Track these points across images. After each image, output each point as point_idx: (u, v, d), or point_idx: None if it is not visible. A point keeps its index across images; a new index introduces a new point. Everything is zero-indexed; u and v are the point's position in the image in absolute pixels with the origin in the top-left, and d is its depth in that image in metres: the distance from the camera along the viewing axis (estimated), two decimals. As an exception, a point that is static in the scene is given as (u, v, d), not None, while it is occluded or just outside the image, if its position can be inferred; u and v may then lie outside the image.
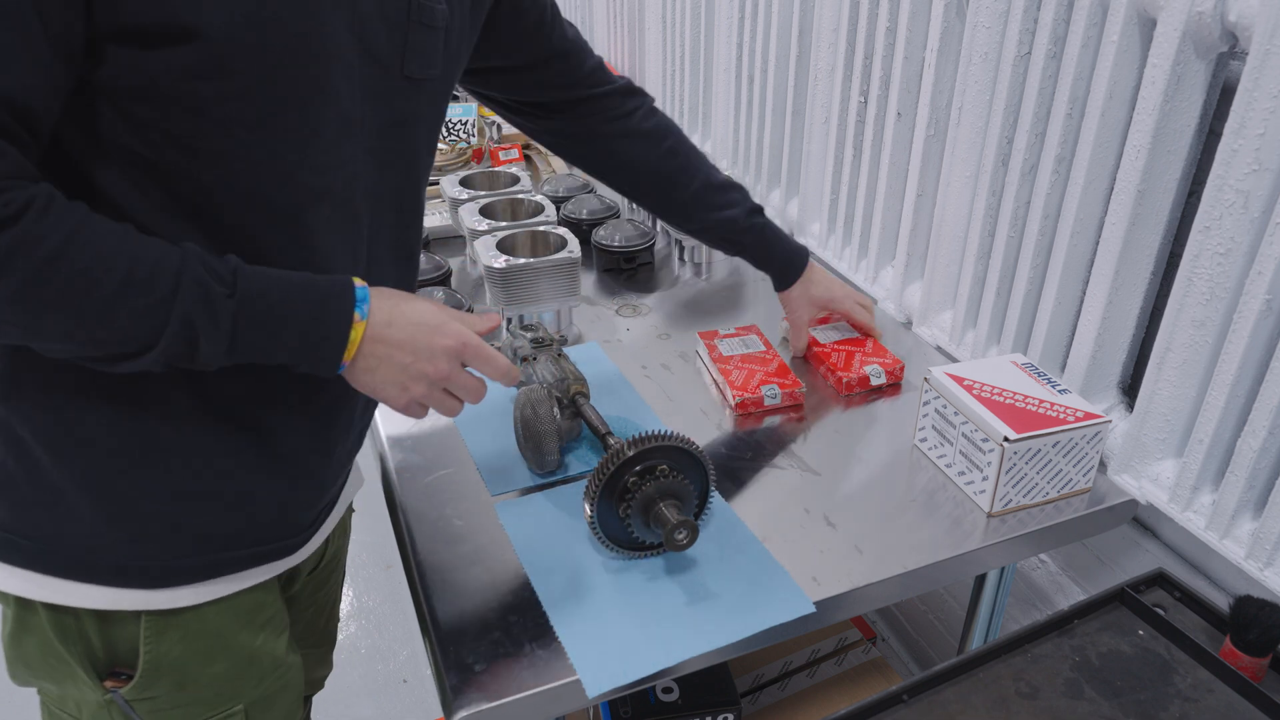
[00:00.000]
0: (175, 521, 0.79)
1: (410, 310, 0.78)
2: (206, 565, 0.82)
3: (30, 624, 0.81)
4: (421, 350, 0.77)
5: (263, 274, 0.71)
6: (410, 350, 0.77)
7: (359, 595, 2.20)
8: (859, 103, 1.50)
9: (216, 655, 0.85)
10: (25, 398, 0.74)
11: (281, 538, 0.87)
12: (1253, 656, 0.83)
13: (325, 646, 1.15)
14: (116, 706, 0.83)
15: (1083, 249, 1.15)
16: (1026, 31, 1.14)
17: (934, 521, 1.04)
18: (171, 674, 0.83)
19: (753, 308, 1.50)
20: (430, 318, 0.78)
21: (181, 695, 0.84)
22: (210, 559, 0.82)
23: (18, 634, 0.82)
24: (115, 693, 0.82)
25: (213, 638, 0.84)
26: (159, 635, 0.81)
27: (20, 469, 0.76)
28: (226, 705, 0.87)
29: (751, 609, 0.91)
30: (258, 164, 0.71)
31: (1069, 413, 1.04)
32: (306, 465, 0.85)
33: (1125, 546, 1.21)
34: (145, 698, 0.83)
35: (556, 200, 1.71)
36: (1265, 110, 0.88)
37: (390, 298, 0.77)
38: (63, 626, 0.80)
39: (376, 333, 0.75)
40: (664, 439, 0.93)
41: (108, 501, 0.76)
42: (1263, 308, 0.92)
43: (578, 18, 2.86)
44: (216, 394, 0.77)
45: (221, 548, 0.82)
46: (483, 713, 0.82)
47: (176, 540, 0.79)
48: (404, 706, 1.93)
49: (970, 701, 0.82)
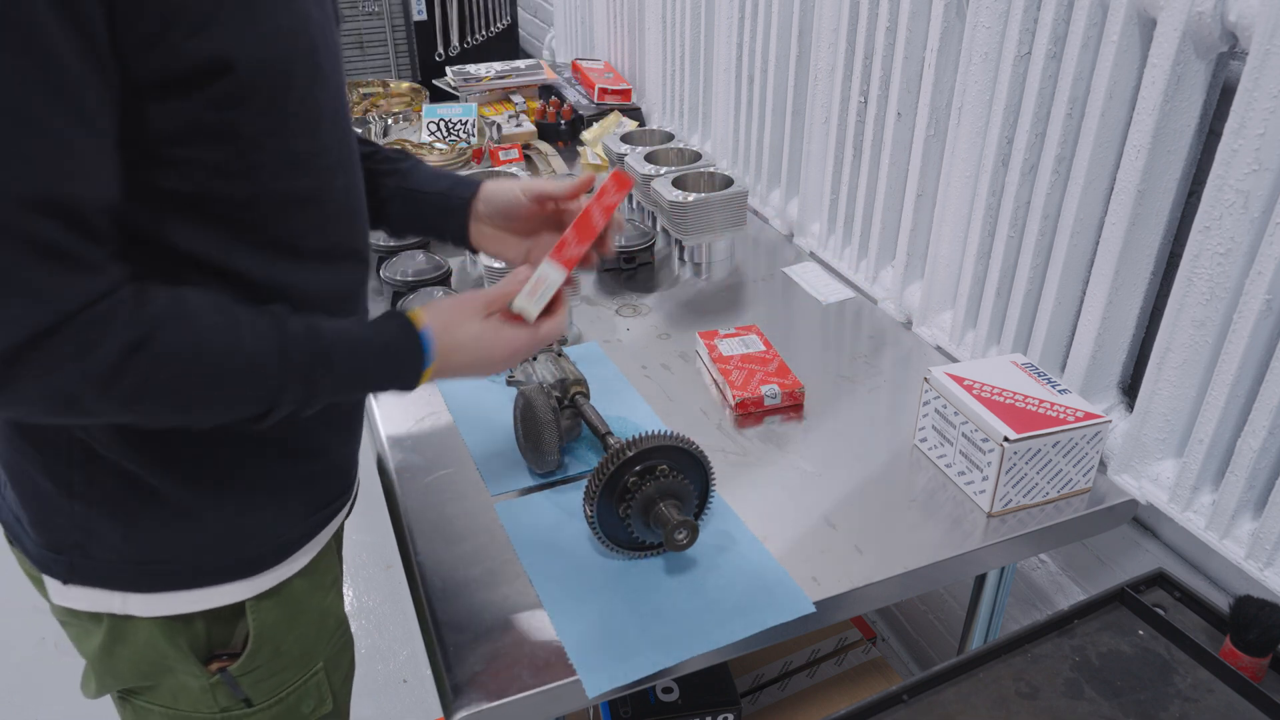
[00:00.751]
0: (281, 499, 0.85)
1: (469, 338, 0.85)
2: (300, 537, 0.88)
3: (128, 631, 0.83)
4: (483, 365, 0.86)
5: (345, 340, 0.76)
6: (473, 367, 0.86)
7: (359, 595, 2.20)
8: (859, 103, 1.50)
9: (299, 619, 0.90)
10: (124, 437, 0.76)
11: (344, 489, 0.94)
12: (1253, 656, 0.83)
13: None
14: (222, 686, 0.87)
15: (1083, 249, 1.15)
16: (1026, 31, 1.14)
17: (934, 521, 1.04)
18: (270, 642, 0.87)
19: (753, 308, 1.50)
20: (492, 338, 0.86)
21: (277, 661, 0.89)
22: (302, 530, 0.88)
23: (110, 646, 0.84)
24: (223, 672, 0.86)
25: (297, 602, 0.89)
26: (259, 607, 0.86)
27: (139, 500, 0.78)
28: (311, 665, 0.93)
29: (751, 609, 0.91)
30: (285, 165, 0.72)
31: (1069, 413, 1.04)
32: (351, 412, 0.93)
33: (1125, 546, 1.21)
34: (250, 670, 0.87)
35: (556, 200, 1.70)
36: (1265, 110, 0.88)
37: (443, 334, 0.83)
38: (168, 623, 0.83)
39: (441, 368, 0.83)
40: (664, 439, 0.93)
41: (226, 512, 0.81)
42: (1263, 308, 0.92)
43: (578, 18, 2.86)
44: None
45: (308, 514, 0.88)
46: (483, 713, 0.82)
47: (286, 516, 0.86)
48: (404, 706, 1.93)
49: (970, 701, 0.82)
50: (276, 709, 0.90)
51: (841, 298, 1.52)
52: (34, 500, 0.79)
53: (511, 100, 2.30)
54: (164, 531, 0.79)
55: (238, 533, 0.82)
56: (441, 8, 3.87)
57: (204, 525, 0.80)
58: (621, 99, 2.32)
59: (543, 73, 2.40)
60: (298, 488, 0.86)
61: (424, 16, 3.88)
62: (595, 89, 2.31)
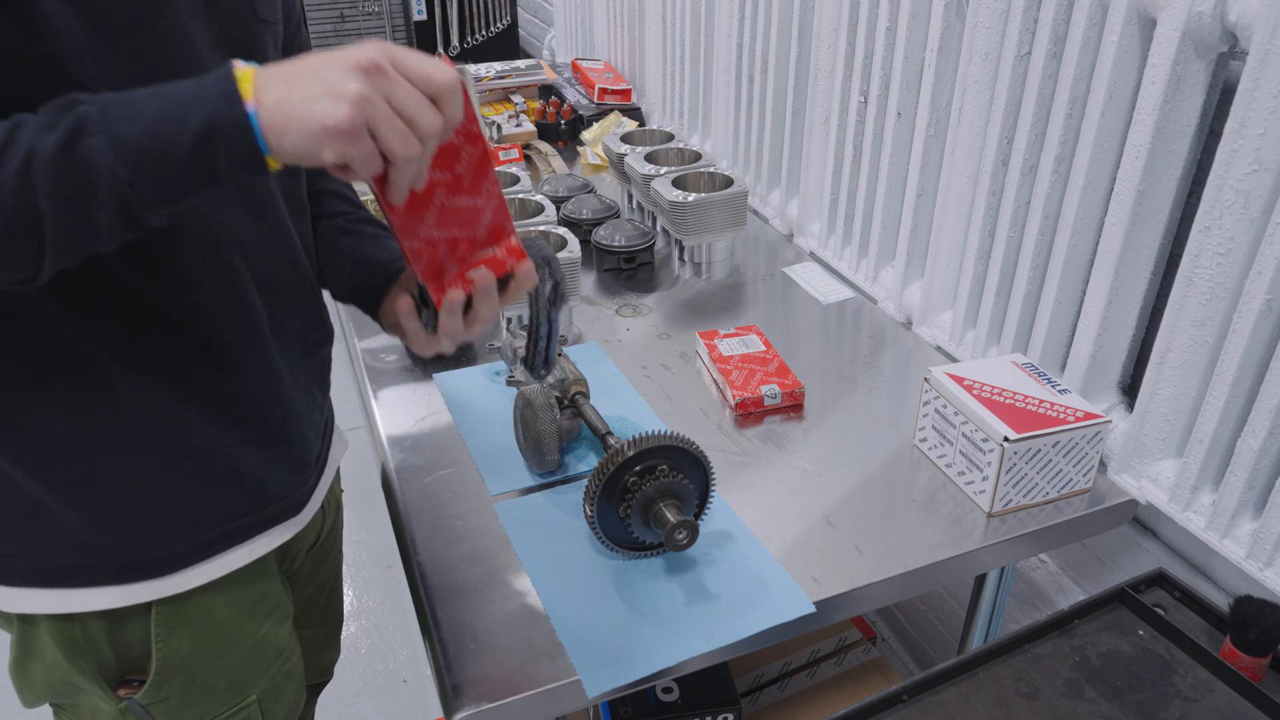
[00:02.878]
0: (159, 509, 0.79)
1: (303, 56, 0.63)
2: (204, 545, 0.82)
3: (34, 647, 0.81)
4: (333, 56, 0.61)
5: None
6: (318, 59, 0.61)
7: (359, 595, 2.20)
8: (859, 103, 1.50)
9: (224, 647, 0.85)
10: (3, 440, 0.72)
11: (271, 502, 0.86)
12: (1253, 656, 0.83)
13: (330, 625, 1.14)
14: (133, 713, 0.83)
15: (1083, 249, 1.15)
16: (1026, 31, 1.14)
17: (934, 521, 1.04)
18: (183, 671, 0.83)
19: (753, 308, 1.50)
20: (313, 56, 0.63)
21: (195, 692, 0.85)
22: (206, 538, 0.82)
23: (22, 660, 0.82)
24: (130, 699, 0.82)
25: (219, 630, 0.84)
26: (169, 632, 0.81)
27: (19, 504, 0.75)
28: (240, 698, 0.88)
29: (751, 609, 0.91)
30: None
31: (1069, 413, 1.04)
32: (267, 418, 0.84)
33: (1125, 546, 1.21)
34: (160, 699, 0.83)
35: (556, 200, 1.70)
36: (1265, 110, 0.88)
37: None
38: (70, 641, 0.80)
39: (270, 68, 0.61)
40: (664, 439, 0.93)
41: (88, 504, 0.76)
42: (1263, 308, 0.92)
43: (578, 18, 2.86)
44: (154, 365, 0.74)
45: (214, 524, 0.82)
46: (483, 713, 0.82)
47: (168, 527, 0.79)
48: (404, 706, 1.93)
49: (970, 701, 0.82)
50: None
51: (841, 298, 1.52)
52: None
53: (511, 100, 2.30)
54: (22, 523, 0.76)
55: (106, 533, 0.77)
56: (441, 8, 3.88)
57: (62, 522, 0.76)
58: (621, 99, 2.32)
59: (543, 73, 2.40)
60: (178, 495, 0.79)
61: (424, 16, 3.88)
62: (595, 89, 2.31)
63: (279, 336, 0.83)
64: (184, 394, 0.77)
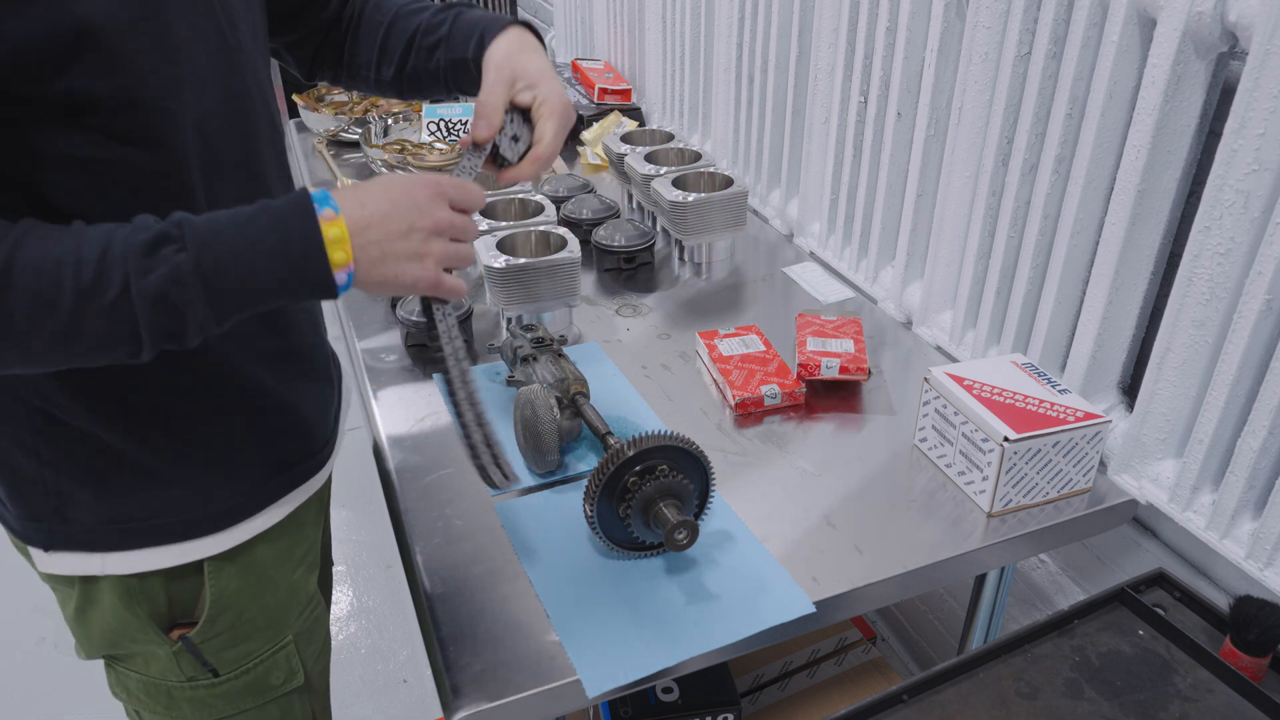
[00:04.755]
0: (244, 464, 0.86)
1: (374, 185, 0.74)
2: (262, 498, 0.88)
3: (94, 597, 0.85)
4: (410, 209, 0.74)
5: (211, 217, 0.68)
6: (400, 216, 0.73)
7: (359, 595, 2.20)
8: (859, 103, 1.50)
9: (265, 588, 0.91)
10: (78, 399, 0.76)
11: (310, 452, 0.93)
12: (1253, 656, 0.83)
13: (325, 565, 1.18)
14: (185, 653, 0.88)
15: (1083, 249, 1.15)
16: (1026, 31, 1.14)
17: (934, 521, 1.04)
18: (231, 609, 0.88)
19: (753, 308, 1.50)
20: (396, 179, 0.76)
21: (241, 629, 0.90)
22: (264, 491, 0.88)
23: (83, 609, 0.86)
24: (184, 639, 0.87)
25: (261, 571, 0.90)
26: (219, 573, 0.87)
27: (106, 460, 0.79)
28: (279, 635, 0.93)
29: (751, 609, 0.91)
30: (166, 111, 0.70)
31: (1069, 413, 1.04)
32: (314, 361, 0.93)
33: (1125, 546, 1.21)
34: (212, 636, 0.88)
35: (556, 200, 1.70)
36: (1265, 110, 0.88)
37: (348, 188, 0.74)
38: (128, 590, 0.84)
39: (357, 218, 0.71)
40: (664, 439, 0.93)
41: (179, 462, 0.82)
42: (1263, 308, 0.92)
43: (578, 18, 2.86)
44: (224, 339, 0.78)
45: (269, 475, 0.89)
46: (483, 713, 0.82)
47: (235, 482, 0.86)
48: (404, 706, 1.93)
49: (970, 701, 0.82)
50: (244, 679, 0.92)
51: (841, 298, 1.52)
52: (10, 474, 0.81)
53: (511, 100, 2.29)
54: (130, 490, 0.81)
55: (195, 490, 0.83)
56: (441, 8, 3.87)
57: (166, 483, 0.82)
58: (621, 99, 2.32)
59: (543, 73, 2.39)
60: (251, 448, 0.86)
61: (424, 16, 3.88)
62: (595, 89, 2.31)
63: None
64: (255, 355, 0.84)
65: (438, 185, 0.76)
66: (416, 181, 0.75)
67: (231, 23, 0.78)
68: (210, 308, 0.66)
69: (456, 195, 0.77)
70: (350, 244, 0.69)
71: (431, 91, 1.03)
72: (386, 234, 0.72)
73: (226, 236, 0.66)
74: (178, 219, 0.67)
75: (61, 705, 1.93)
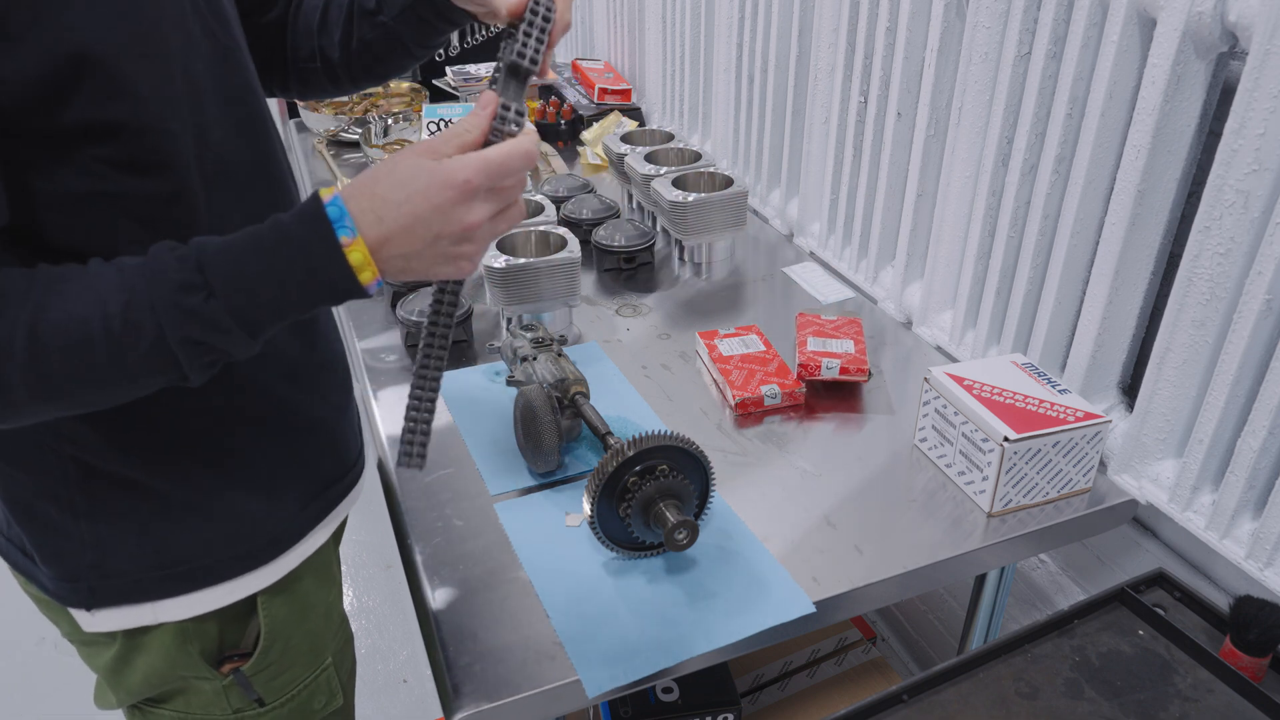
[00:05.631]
0: (273, 488, 0.84)
1: (391, 187, 0.65)
2: (302, 524, 0.87)
3: (142, 646, 0.83)
4: (432, 220, 0.65)
5: (228, 250, 0.64)
6: (422, 228, 0.65)
7: (359, 595, 2.20)
8: (859, 103, 1.50)
9: (309, 614, 0.90)
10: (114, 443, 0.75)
11: (342, 473, 0.93)
12: (1253, 656, 0.83)
13: None
14: (235, 687, 0.86)
15: (1083, 249, 1.15)
16: (1026, 31, 1.14)
17: (934, 521, 1.04)
18: (281, 639, 0.88)
19: (753, 308, 1.50)
20: (416, 179, 0.65)
21: (288, 657, 0.89)
22: (302, 517, 0.87)
23: (125, 658, 0.83)
24: (236, 673, 0.85)
25: (305, 597, 0.90)
26: (270, 604, 0.86)
27: (148, 506, 0.78)
28: (320, 659, 0.93)
29: (751, 609, 0.91)
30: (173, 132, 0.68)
31: (1069, 413, 1.04)
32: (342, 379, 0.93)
33: (1125, 546, 1.21)
34: (263, 668, 0.87)
35: (556, 200, 1.70)
36: (1265, 110, 0.88)
37: (363, 189, 0.66)
38: (183, 635, 0.82)
39: (376, 237, 0.65)
40: (664, 439, 0.93)
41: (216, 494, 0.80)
42: (1263, 308, 0.92)
43: (578, 18, 2.86)
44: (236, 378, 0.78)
45: (307, 500, 0.88)
46: (483, 713, 0.82)
47: (277, 509, 0.85)
48: (404, 706, 1.93)
49: (970, 701, 0.82)
50: (289, 706, 0.91)
51: (841, 297, 1.52)
52: (41, 531, 0.77)
53: (511, 100, 2.29)
54: (175, 532, 0.79)
55: (242, 522, 0.82)
56: (441, 8, 3.87)
57: (210, 517, 0.80)
58: (621, 99, 2.32)
59: (543, 73, 2.39)
60: (292, 469, 0.86)
61: (424, 16, 3.88)
62: (595, 89, 2.31)
63: None
64: (289, 377, 0.83)
65: (466, 187, 0.65)
66: (438, 184, 0.65)
67: (221, 21, 0.76)
68: (248, 338, 0.66)
69: (491, 182, 0.66)
70: (373, 264, 0.65)
71: (390, 60, 0.95)
72: (409, 249, 0.66)
73: (251, 275, 0.64)
74: (195, 259, 0.64)
75: (61, 705, 1.93)
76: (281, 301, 0.65)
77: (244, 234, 0.65)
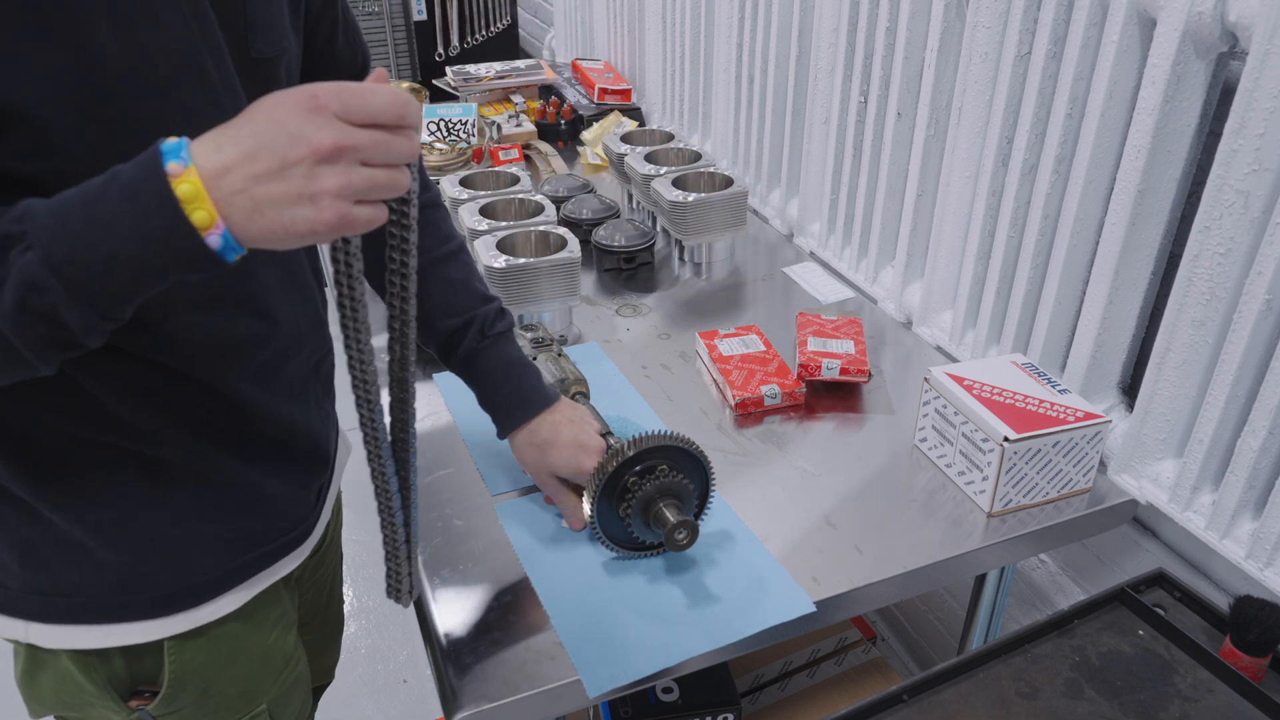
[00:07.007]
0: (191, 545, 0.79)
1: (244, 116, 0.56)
2: (229, 574, 0.82)
3: (46, 661, 0.80)
4: (277, 139, 0.54)
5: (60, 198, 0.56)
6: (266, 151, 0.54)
7: (359, 595, 2.20)
8: (859, 103, 1.50)
9: (236, 659, 0.85)
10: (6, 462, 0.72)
11: (295, 525, 0.87)
12: (1253, 656, 0.83)
13: (330, 629, 1.14)
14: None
15: (1083, 249, 1.15)
16: (1026, 31, 1.14)
17: (934, 521, 1.04)
18: (195, 683, 0.83)
19: (753, 308, 1.50)
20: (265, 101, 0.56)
21: (208, 702, 0.84)
22: (225, 570, 0.82)
23: (32, 671, 0.82)
24: (141, 710, 0.82)
25: (231, 641, 0.84)
26: (181, 647, 0.81)
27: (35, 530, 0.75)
28: (252, 704, 0.88)
29: (751, 609, 0.91)
30: None
31: (1069, 413, 1.04)
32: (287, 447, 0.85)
33: (1125, 546, 1.21)
34: (172, 710, 0.83)
35: (556, 200, 1.70)
36: (1265, 110, 0.88)
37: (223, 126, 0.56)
38: (85, 662, 0.80)
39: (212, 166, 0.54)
40: (664, 439, 0.93)
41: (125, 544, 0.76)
42: (1263, 308, 0.92)
43: (578, 18, 2.86)
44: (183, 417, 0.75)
45: (235, 554, 0.83)
46: (483, 713, 0.82)
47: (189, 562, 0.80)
48: (404, 706, 1.93)
49: (970, 701, 0.82)
50: None
51: (841, 297, 1.52)
52: None
53: (511, 100, 2.30)
54: (60, 563, 0.75)
55: (142, 569, 0.77)
56: (441, 8, 3.87)
57: (100, 561, 0.76)
58: (621, 99, 2.32)
59: (543, 73, 2.40)
60: (211, 524, 0.79)
61: (424, 16, 3.88)
62: (595, 89, 2.31)
63: (287, 367, 0.83)
64: (209, 437, 0.77)
65: (313, 101, 0.55)
66: (281, 99, 0.55)
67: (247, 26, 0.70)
68: (81, 306, 0.55)
69: (343, 104, 0.55)
70: (209, 199, 0.54)
71: None
72: (252, 177, 0.54)
73: (75, 221, 0.54)
74: (21, 210, 0.55)
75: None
76: (111, 258, 0.54)
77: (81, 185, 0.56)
